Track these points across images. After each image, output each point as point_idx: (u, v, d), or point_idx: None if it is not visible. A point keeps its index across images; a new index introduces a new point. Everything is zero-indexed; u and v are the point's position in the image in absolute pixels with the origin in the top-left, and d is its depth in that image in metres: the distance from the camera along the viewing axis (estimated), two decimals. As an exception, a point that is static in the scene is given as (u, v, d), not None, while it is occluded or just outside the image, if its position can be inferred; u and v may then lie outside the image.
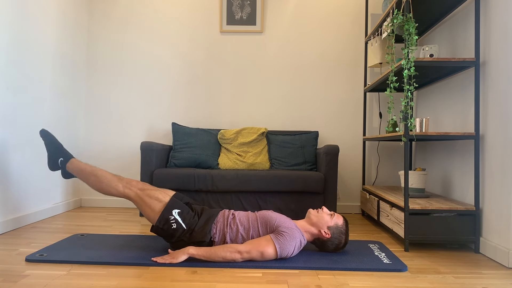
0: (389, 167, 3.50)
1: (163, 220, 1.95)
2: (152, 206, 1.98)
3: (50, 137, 2.20)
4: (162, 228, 1.95)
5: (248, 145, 3.25)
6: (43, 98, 2.95)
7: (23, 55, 2.70)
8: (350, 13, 3.55)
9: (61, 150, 2.17)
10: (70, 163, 2.14)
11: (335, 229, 2.04)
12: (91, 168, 2.10)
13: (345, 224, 2.08)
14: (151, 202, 1.99)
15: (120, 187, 2.04)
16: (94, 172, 2.08)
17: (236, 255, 1.87)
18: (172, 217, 1.95)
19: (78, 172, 2.11)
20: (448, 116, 2.68)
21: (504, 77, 2.04)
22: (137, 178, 3.57)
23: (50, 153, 2.17)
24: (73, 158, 2.16)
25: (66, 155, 2.16)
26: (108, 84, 3.62)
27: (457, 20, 2.59)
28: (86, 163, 2.18)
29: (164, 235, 1.99)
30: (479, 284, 1.70)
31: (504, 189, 2.01)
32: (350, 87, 3.54)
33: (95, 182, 2.06)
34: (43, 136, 2.20)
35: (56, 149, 2.17)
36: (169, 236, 1.98)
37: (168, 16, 3.62)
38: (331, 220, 2.05)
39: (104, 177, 2.06)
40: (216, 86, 3.59)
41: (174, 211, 1.97)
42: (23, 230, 2.56)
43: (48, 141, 2.18)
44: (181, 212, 1.98)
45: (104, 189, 2.06)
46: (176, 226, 1.94)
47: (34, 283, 1.60)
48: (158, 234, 2.00)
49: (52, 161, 2.17)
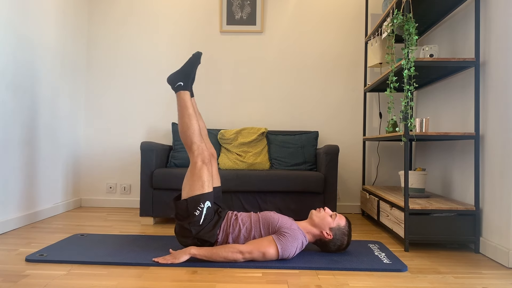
0: (389, 167, 3.50)
1: (194, 202, 1.95)
2: (195, 184, 1.98)
3: (195, 62, 2.20)
4: (187, 206, 1.95)
5: (248, 145, 3.24)
6: (43, 98, 2.95)
7: (23, 55, 2.70)
8: (350, 13, 3.55)
9: (188, 79, 2.18)
10: (184, 93, 2.14)
11: (337, 230, 2.04)
12: (193, 112, 2.10)
13: (347, 225, 2.07)
14: (198, 180, 1.99)
15: (195, 146, 2.04)
16: (191, 117, 2.08)
17: (238, 255, 1.87)
18: (202, 206, 1.95)
19: (183, 106, 2.11)
20: (448, 116, 2.68)
21: (504, 77, 2.04)
22: (137, 177, 3.58)
23: (182, 72, 2.18)
24: (188, 92, 2.16)
25: (187, 86, 2.17)
26: (108, 84, 3.62)
27: (457, 20, 2.59)
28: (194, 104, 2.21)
29: (181, 212, 1.97)
30: (479, 284, 1.70)
31: (504, 189, 2.01)
32: (350, 87, 3.54)
33: (185, 124, 2.07)
34: (194, 56, 2.21)
35: (188, 75, 2.18)
36: (185, 216, 1.97)
37: (168, 16, 3.62)
38: (333, 221, 2.04)
39: (194, 128, 2.07)
40: (216, 86, 3.59)
41: (207, 202, 1.98)
42: (23, 230, 2.56)
43: (190, 63, 2.19)
44: (210, 207, 1.99)
45: (185, 135, 2.07)
46: (197, 214, 1.95)
47: (34, 283, 1.60)
48: (177, 207, 1.99)
49: (176, 77, 2.18)
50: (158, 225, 2.82)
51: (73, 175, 3.47)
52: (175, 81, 2.17)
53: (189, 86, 2.17)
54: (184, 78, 2.17)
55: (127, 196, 3.59)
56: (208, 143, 2.27)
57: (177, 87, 2.16)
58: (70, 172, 3.41)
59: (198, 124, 2.10)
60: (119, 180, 3.59)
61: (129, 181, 3.59)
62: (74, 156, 3.48)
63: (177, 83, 2.16)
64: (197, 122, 2.09)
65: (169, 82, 2.19)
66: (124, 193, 3.59)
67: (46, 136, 3.01)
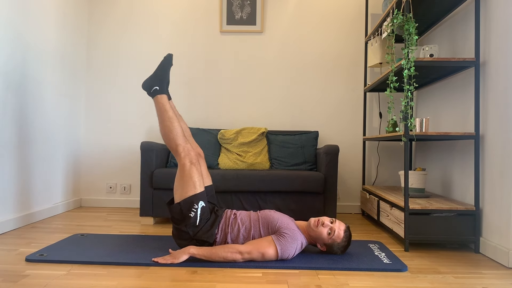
0: (389, 167, 3.50)
1: (187, 204, 1.95)
2: (186, 185, 1.97)
3: (167, 65, 2.19)
4: (181, 209, 1.95)
5: (248, 145, 3.24)
6: (43, 98, 2.95)
7: (23, 55, 2.70)
8: (350, 13, 3.55)
9: (163, 82, 2.16)
10: (161, 97, 2.12)
11: (333, 245, 2.01)
12: (173, 114, 2.08)
13: (345, 240, 2.00)
14: (188, 181, 1.97)
15: (180, 148, 2.02)
16: (172, 119, 2.06)
17: (237, 255, 1.87)
18: (196, 207, 1.95)
19: (161, 110, 2.09)
20: (448, 116, 2.68)
21: (504, 77, 2.04)
22: (137, 177, 3.58)
23: (156, 76, 2.17)
24: (165, 95, 2.15)
25: (163, 89, 2.15)
26: (108, 84, 3.62)
27: (457, 20, 2.59)
28: (172, 107, 2.19)
29: (176, 215, 1.97)
30: (479, 284, 1.70)
31: (504, 189, 2.01)
32: (350, 87, 3.54)
33: (167, 127, 2.05)
34: (165, 59, 2.20)
35: (162, 78, 2.16)
36: (180, 219, 1.97)
37: (168, 16, 3.62)
38: (329, 238, 1.97)
39: (176, 130, 2.04)
40: (216, 86, 3.59)
41: (200, 202, 1.97)
42: (23, 230, 2.56)
43: (162, 66, 2.18)
44: (204, 207, 1.99)
45: (168, 138, 2.05)
46: (193, 216, 1.95)
47: (34, 283, 1.60)
48: (172, 211, 1.99)
49: (150, 82, 2.16)
50: (158, 225, 2.82)
51: (73, 175, 3.47)
52: (150, 86, 2.15)
53: (165, 89, 2.16)
54: (159, 82, 2.15)
55: (127, 196, 3.59)
56: (193, 143, 2.27)
57: (153, 92, 2.14)
58: (70, 172, 3.41)
59: (180, 126, 2.09)
60: (119, 180, 3.59)
61: (129, 181, 3.59)
62: (74, 156, 3.48)
63: (152, 88, 2.14)
64: (179, 124, 2.07)
65: (144, 88, 2.18)
66: (124, 193, 3.59)
67: (46, 136, 3.01)
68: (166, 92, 2.16)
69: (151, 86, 2.15)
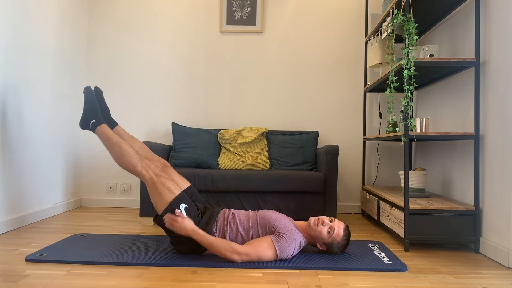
0: (389, 167, 3.50)
1: (171, 211, 1.95)
2: (162, 194, 1.97)
3: (91, 96, 2.21)
4: None
5: (248, 145, 3.24)
6: (43, 98, 2.95)
7: (23, 55, 2.70)
8: (350, 13, 3.55)
9: (96, 113, 2.19)
10: (101, 127, 2.15)
11: (332, 244, 2.01)
12: (118, 139, 2.10)
13: (344, 238, 2.01)
14: (163, 190, 1.98)
15: (138, 166, 2.03)
16: (120, 143, 2.07)
17: (235, 256, 1.86)
18: (178, 211, 1.95)
19: (105, 139, 2.12)
20: (448, 116, 2.68)
21: (504, 77, 2.04)
22: (137, 178, 3.58)
23: (86, 112, 2.20)
24: (105, 124, 2.17)
25: (99, 119, 2.18)
26: (108, 84, 3.62)
27: (457, 20, 2.59)
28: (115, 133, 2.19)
29: (165, 227, 1.97)
30: (479, 284, 1.70)
31: (504, 189, 2.01)
32: (350, 87, 3.54)
33: (117, 153, 2.06)
34: (85, 92, 2.22)
35: (93, 111, 2.19)
36: (171, 229, 1.96)
37: (168, 16, 3.62)
38: (329, 237, 1.98)
39: (127, 151, 2.05)
40: (216, 86, 3.59)
41: (182, 205, 1.97)
42: (23, 230, 2.56)
43: (88, 99, 2.21)
44: (188, 208, 1.98)
45: (123, 163, 2.06)
46: None
47: (34, 283, 1.60)
48: (161, 225, 1.99)
49: (85, 120, 2.19)
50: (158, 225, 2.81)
51: (73, 175, 3.47)
52: (87, 123, 2.19)
53: (102, 119, 2.19)
54: (93, 115, 2.18)
55: (127, 196, 3.59)
56: (154, 156, 2.28)
57: (92, 127, 2.18)
58: (70, 172, 3.41)
59: (131, 146, 2.10)
60: (119, 180, 3.60)
61: (129, 181, 3.59)
62: (74, 156, 3.49)
63: (90, 123, 2.18)
64: (128, 145, 2.09)
65: (83, 128, 2.21)
66: (124, 193, 3.59)
67: (46, 136, 3.01)
68: (103, 121, 2.19)
69: (88, 122, 2.19)
